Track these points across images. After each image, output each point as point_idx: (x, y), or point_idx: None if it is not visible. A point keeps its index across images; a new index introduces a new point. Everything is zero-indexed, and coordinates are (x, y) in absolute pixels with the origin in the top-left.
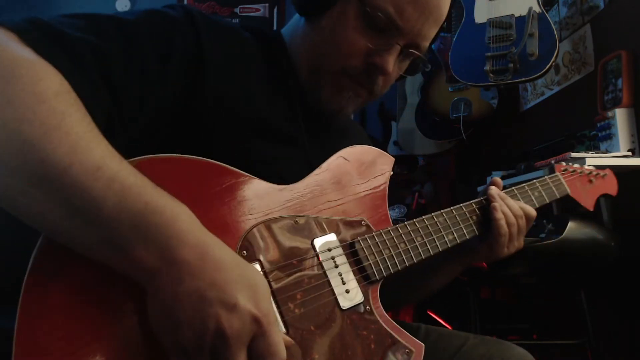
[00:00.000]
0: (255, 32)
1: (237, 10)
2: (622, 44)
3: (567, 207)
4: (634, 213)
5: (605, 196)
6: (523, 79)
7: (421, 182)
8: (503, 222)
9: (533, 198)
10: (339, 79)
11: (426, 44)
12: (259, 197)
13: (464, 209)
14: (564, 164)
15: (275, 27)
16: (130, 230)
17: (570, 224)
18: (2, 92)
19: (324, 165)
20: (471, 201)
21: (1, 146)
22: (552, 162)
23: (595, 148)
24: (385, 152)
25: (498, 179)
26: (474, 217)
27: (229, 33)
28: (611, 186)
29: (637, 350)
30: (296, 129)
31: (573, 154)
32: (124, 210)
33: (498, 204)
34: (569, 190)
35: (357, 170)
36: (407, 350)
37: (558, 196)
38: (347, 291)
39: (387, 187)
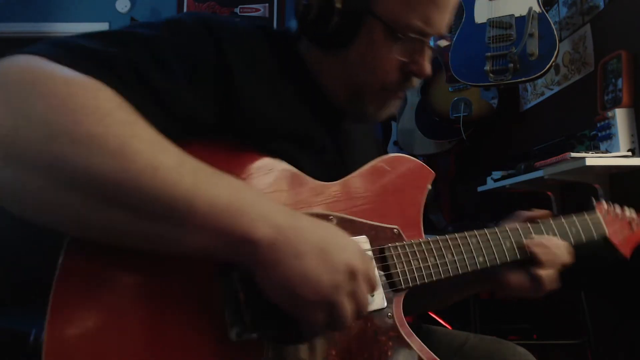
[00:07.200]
0: (267, 31)
1: (237, 10)
2: (622, 44)
3: (566, 207)
4: None
5: None
6: (523, 79)
7: None
8: (542, 250)
9: (570, 235)
10: (380, 95)
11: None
12: (295, 189)
13: (498, 234)
14: (604, 204)
15: (275, 28)
16: (226, 212)
17: None
18: (63, 111)
19: (365, 168)
20: (506, 227)
21: (75, 167)
22: (594, 200)
23: (595, 148)
24: (427, 167)
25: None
26: (507, 243)
27: (246, 36)
28: None
29: (637, 350)
30: (318, 131)
31: (573, 154)
32: (217, 195)
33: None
34: (607, 232)
35: (397, 180)
36: None
37: (595, 237)
38: (372, 295)
39: (424, 201)
